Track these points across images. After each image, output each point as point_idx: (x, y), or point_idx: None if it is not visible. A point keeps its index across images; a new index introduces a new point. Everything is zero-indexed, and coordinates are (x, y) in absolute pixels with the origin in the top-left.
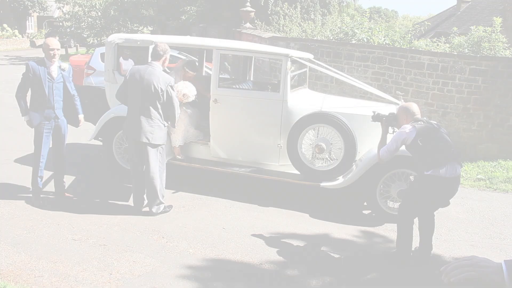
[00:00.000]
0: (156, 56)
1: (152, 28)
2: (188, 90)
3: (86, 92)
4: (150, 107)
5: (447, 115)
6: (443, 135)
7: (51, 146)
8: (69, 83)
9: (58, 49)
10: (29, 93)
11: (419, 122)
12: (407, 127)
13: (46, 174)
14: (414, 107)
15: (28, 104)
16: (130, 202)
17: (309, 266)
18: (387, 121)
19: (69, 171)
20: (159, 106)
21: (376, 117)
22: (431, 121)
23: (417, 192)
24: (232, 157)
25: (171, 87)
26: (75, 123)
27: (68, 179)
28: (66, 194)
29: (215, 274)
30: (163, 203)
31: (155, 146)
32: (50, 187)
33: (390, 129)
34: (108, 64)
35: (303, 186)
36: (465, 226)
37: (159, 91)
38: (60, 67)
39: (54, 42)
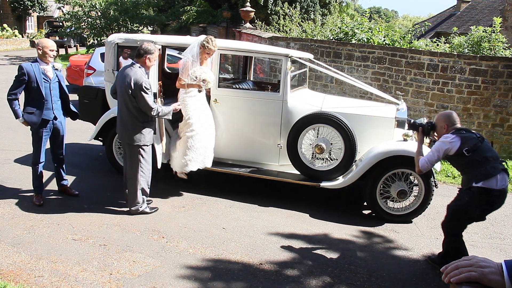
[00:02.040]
0: (137, 55)
1: (152, 28)
2: (208, 75)
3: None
4: (126, 108)
5: None
6: (488, 145)
7: (48, 146)
8: (63, 83)
9: (56, 50)
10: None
11: (462, 132)
12: (449, 137)
13: (46, 174)
14: (454, 115)
15: (22, 107)
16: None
17: (309, 266)
18: (424, 130)
19: (69, 171)
20: (134, 106)
21: (413, 126)
22: (472, 130)
23: (467, 205)
24: (232, 157)
25: (140, 88)
26: (73, 116)
27: (68, 179)
28: (73, 191)
29: (215, 274)
30: (143, 202)
31: (133, 146)
32: (50, 186)
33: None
34: (108, 64)
35: (303, 186)
36: None
37: (130, 91)
38: (53, 67)
39: (52, 43)
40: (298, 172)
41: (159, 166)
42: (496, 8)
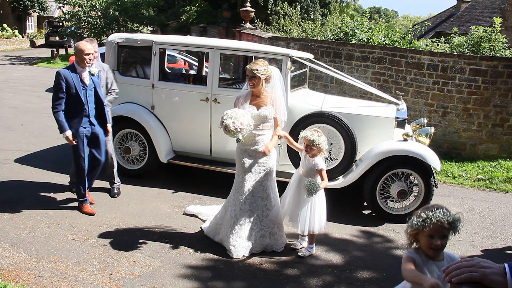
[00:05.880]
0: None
1: (152, 28)
2: (233, 121)
3: None
4: None
5: (447, 115)
6: None
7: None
8: (99, 89)
9: (93, 54)
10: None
11: None
12: None
13: (44, 173)
14: None
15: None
16: (130, 202)
17: (309, 266)
18: None
19: (69, 171)
20: None
21: None
22: None
23: None
24: (232, 156)
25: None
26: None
27: (67, 179)
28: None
29: (215, 274)
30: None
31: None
32: (49, 186)
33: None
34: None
35: None
36: (465, 226)
37: None
38: (90, 72)
39: (88, 46)
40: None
41: (161, 159)
42: (496, 8)
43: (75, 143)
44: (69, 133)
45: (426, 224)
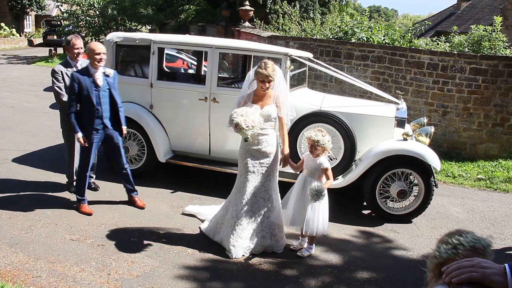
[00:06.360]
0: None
1: (150, 27)
2: (243, 119)
3: None
4: None
5: (447, 115)
6: None
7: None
8: (115, 90)
9: (104, 53)
10: None
11: None
12: None
13: (36, 172)
14: None
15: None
16: (129, 202)
17: (308, 266)
18: None
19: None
20: None
21: None
22: None
23: None
24: (231, 156)
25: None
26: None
27: (65, 179)
28: (140, 203)
29: (214, 274)
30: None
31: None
32: (45, 186)
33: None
34: (107, 63)
35: None
36: (465, 226)
37: None
38: (104, 73)
39: (99, 46)
40: (298, 172)
41: (160, 159)
42: (496, 7)
43: (87, 145)
44: (80, 135)
45: (459, 251)
